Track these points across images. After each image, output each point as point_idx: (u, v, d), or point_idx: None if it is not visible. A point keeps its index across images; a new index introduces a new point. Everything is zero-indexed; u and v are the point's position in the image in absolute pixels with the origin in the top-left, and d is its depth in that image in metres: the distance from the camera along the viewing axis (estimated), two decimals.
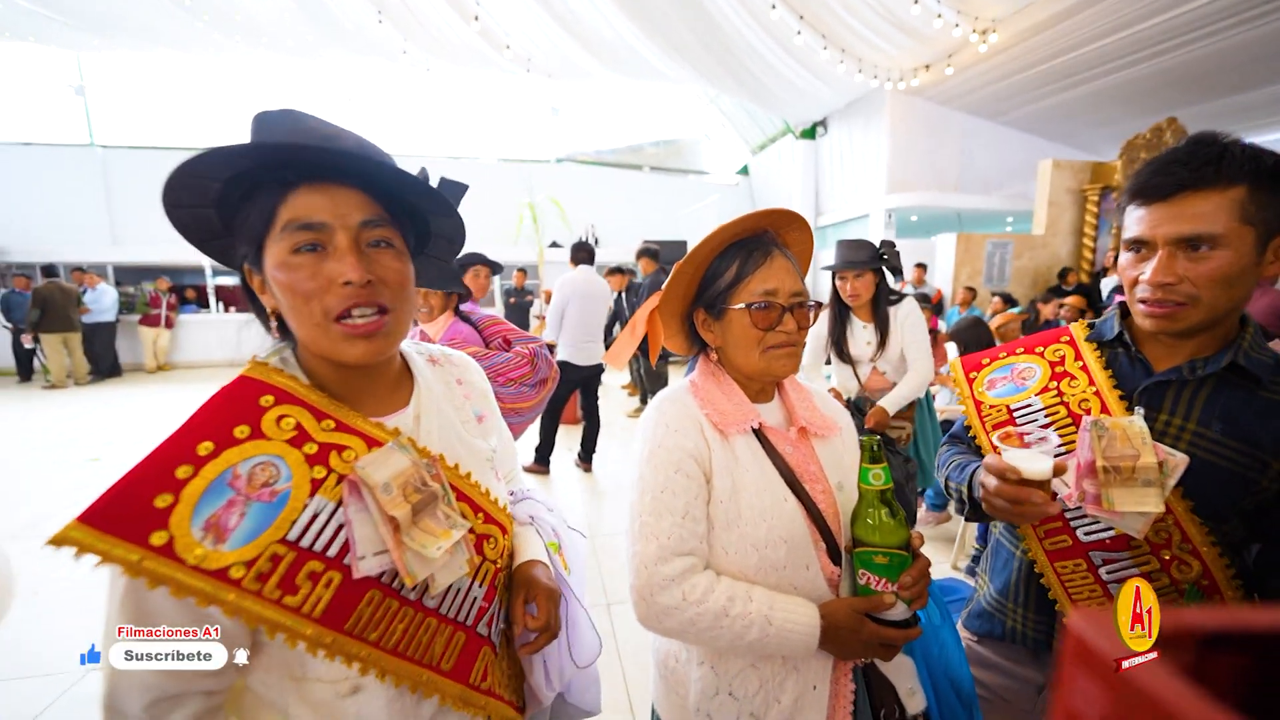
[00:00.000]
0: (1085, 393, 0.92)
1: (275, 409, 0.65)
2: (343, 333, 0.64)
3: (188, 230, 0.68)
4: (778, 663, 0.83)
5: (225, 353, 9.76)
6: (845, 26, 7.47)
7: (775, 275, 0.85)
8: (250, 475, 0.61)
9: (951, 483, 1.00)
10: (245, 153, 0.59)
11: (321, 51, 8.65)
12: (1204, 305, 0.80)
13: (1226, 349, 0.84)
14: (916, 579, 0.78)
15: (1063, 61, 7.65)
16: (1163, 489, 0.76)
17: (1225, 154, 0.76)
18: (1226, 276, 0.77)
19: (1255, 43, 6.50)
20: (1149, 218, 0.81)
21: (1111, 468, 0.76)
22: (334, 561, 0.62)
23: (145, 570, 0.54)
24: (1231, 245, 0.76)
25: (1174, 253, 0.79)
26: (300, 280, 0.62)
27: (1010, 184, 9.83)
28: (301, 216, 0.61)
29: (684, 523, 0.82)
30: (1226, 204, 0.76)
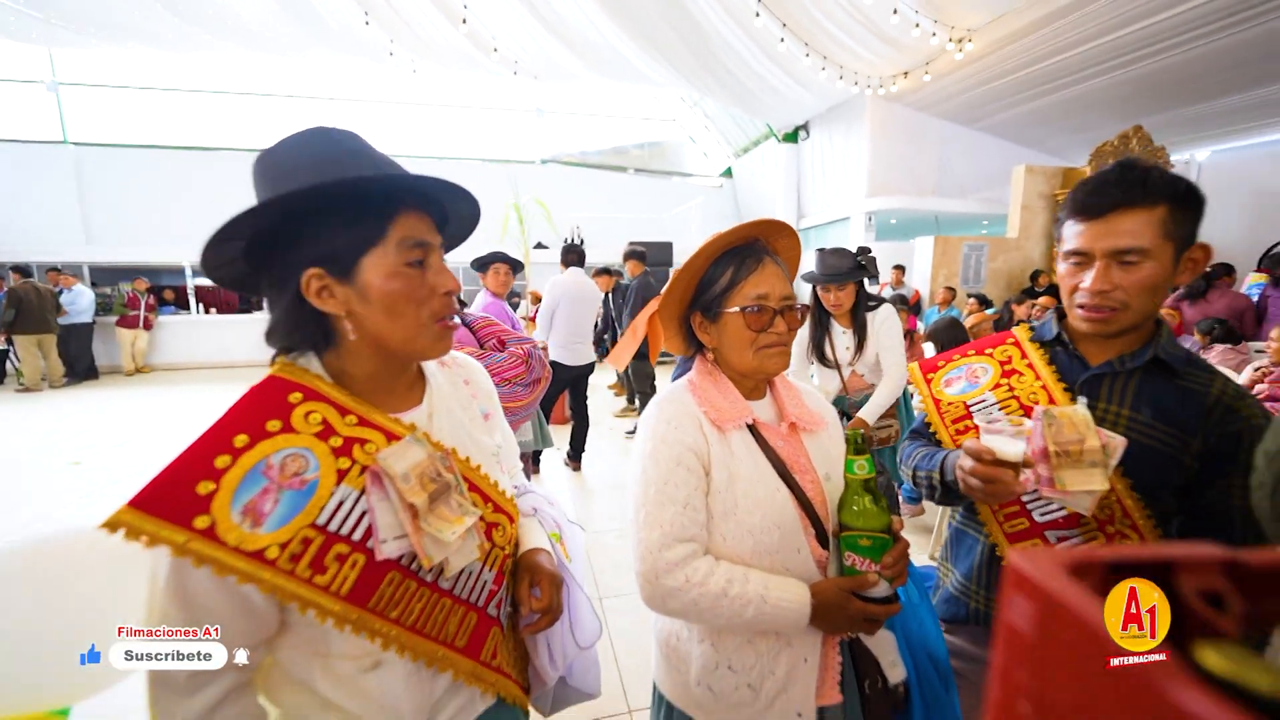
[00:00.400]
0: (1033, 386, 1.03)
1: (303, 405, 0.71)
2: (440, 330, 0.75)
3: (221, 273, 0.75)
4: (772, 638, 0.91)
5: (206, 355, 9.61)
6: (826, 34, 7.63)
7: (767, 281, 0.93)
8: (282, 465, 0.66)
9: (920, 471, 1.09)
10: (390, 181, 0.70)
11: (307, 51, 8.57)
12: (1133, 310, 0.92)
13: (1148, 346, 0.96)
14: (897, 559, 0.86)
15: (1035, 70, 7.90)
16: (1106, 469, 0.86)
17: (1149, 177, 0.87)
18: (1152, 285, 0.90)
19: (1214, 56, 6.80)
20: (1087, 233, 0.92)
21: (1062, 452, 0.86)
22: (359, 545, 0.68)
23: (191, 550, 0.60)
24: (1156, 257, 0.88)
25: (1110, 264, 0.90)
26: (412, 288, 0.71)
27: (985, 188, 10.09)
28: (413, 235, 0.71)
29: (685, 512, 0.89)
30: (1153, 221, 0.87)
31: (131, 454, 4.81)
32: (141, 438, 5.32)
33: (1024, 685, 0.32)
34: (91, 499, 3.82)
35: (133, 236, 9.89)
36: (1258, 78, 7.16)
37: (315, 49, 8.46)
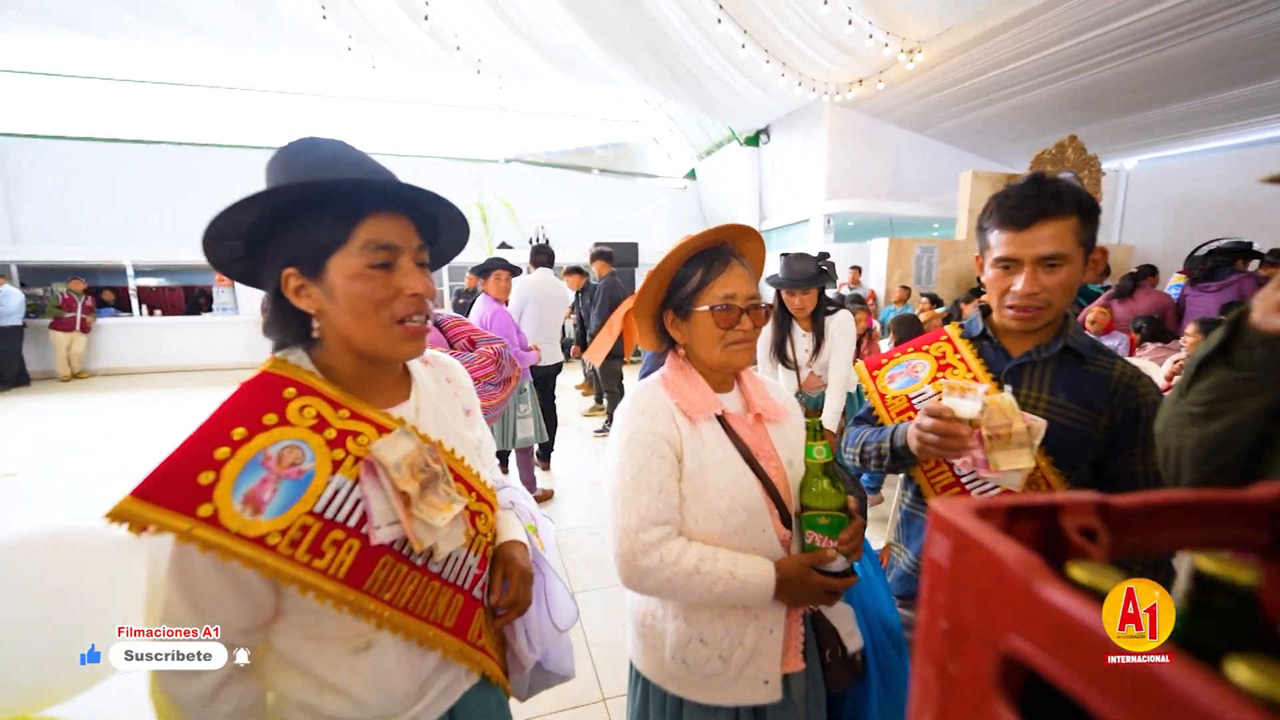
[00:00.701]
0: (966, 378, 1.15)
1: (298, 400, 0.74)
2: (403, 333, 0.76)
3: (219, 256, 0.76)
4: (740, 612, 0.98)
5: (151, 359, 9.14)
6: (786, 42, 7.86)
7: (734, 281, 1.00)
8: (280, 456, 0.70)
9: (869, 445, 1.18)
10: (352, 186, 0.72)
11: (260, 43, 8.27)
12: (1054, 308, 1.04)
13: (1059, 336, 1.08)
14: (853, 535, 0.95)
15: (980, 81, 8.33)
16: (1031, 448, 0.98)
17: (1062, 191, 0.99)
18: (1069, 285, 1.02)
19: (1144, 71, 7.33)
20: (1015, 241, 1.02)
21: (994, 435, 0.97)
22: (354, 531, 0.72)
23: (196, 537, 0.63)
24: (1072, 261, 1.00)
25: (1036, 268, 1.02)
26: (376, 290, 0.73)
27: (937, 192, 10.55)
28: (379, 238, 0.73)
29: (660, 496, 0.96)
30: (1069, 229, 0.99)
31: (69, 464, 4.56)
32: (80, 447, 5.05)
33: (943, 605, 0.39)
34: (27, 511, 3.62)
35: (67, 234, 9.32)
36: (1183, 92, 7.75)
37: (269, 42, 8.18)
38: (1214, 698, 0.20)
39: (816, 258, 2.67)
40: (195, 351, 9.34)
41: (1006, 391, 1.01)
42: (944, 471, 1.15)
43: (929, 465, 1.16)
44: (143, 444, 5.05)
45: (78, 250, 9.09)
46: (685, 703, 1.01)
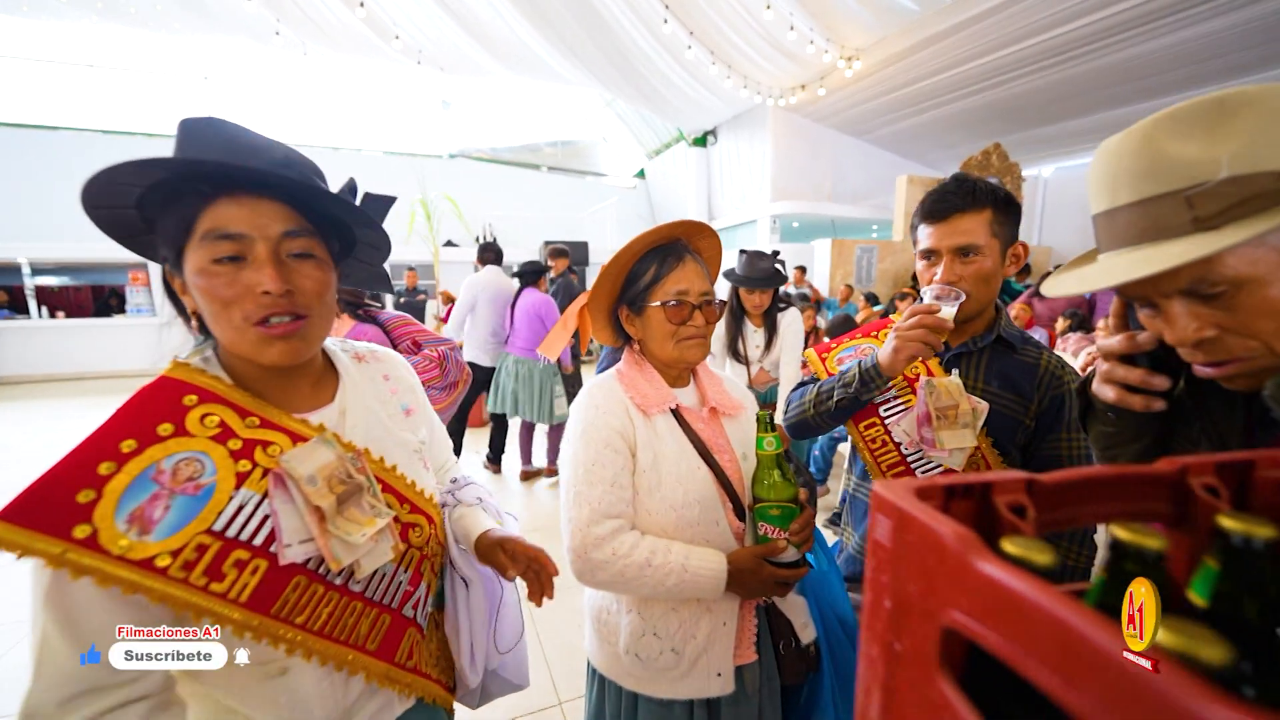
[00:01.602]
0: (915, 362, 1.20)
1: (199, 408, 0.67)
2: (260, 336, 0.66)
3: (112, 229, 0.70)
4: (694, 605, 0.98)
5: (53, 366, 8.35)
6: (731, 45, 8.01)
7: (687, 277, 1.00)
8: (175, 470, 0.63)
9: (825, 387, 1.18)
10: (160, 167, 0.61)
11: (175, 25, 7.69)
12: (974, 299, 1.09)
13: (992, 328, 1.15)
14: (803, 525, 0.96)
15: (914, 89, 8.78)
16: (975, 428, 1.04)
17: (977, 187, 1.06)
18: (985, 275, 1.07)
19: (1062, 84, 7.92)
20: (935, 234, 1.09)
21: (940, 415, 1.02)
22: (260, 549, 0.65)
23: (68, 561, 0.56)
24: (987, 252, 1.06)
25: (953, 258, 1.08)
26: (219, 287, 0.64)
27: (875, 195, 11.03)
28: (220, 227, 0.63)
29: (612, 490, 0.95)
30: (982, 222, 1.06)
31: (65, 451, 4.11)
32: None
33: (886, 585, 0.40)
34: None
35: None
36: (1099, 104, 8.42)
37: (193, 24, 7.62)
38: (1130, 651, 0.21)
39: (770, 255, 2.73)
40: (107, 356, 8.59)
41: (954, 374, 1.06)
42: (890, 451, 1.18)
43: (875, 445, 1.20)
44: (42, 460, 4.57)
45: None
46: (640, 698, 1.01)
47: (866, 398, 1.12)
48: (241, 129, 0.68)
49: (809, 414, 1.23)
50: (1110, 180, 0.61)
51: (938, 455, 1.07)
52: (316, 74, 10.61)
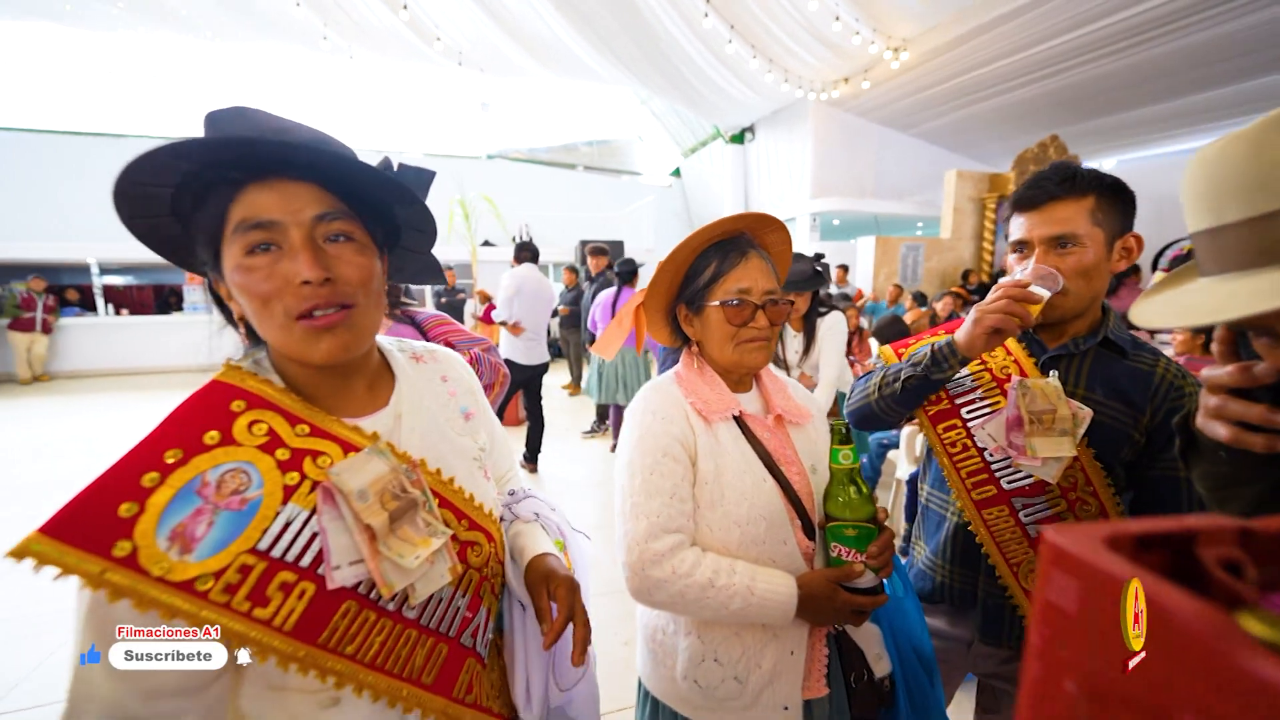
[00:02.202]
0: (1005, 361, 1.09)
1: (247, 414, 0.62)
2: (306, 331, 0.61)
3: (152, 240, 0.66)
4: (759, 630, 0.90)
5: (117, 361, 8.80)
6: (773, 38, 7.83)
7: (750, 274, 0.92)
8: (220, 483, 0.58)
9: (890, 372, 1.10)
10: (179, 151, 0.55)
11: (231, 34, 8.00)
12: (1072, 294, 0.98)
13: (1097, 330, 1.03)
14: (882, 549, 0.86)
15: (963, 80, 8.40)
16: (1074, 437, 0.93)
17: (1078, 173, 0.97)
18: (1086, 268, 0.96)
19: (1125, 72, 7.45)
20: (1027, 223, 1.01)
21: (1035, 419, 0.92)
22: (307, 572, 0.60)
23: (107, 582, 0.52)
24: (1087, 243, 0.96)
25: (1047, 250, 0.98)
26: (256, 283, 0.59)
27: (920, 191, 10.64)
28: (251, 216, 0.59)
29: (672, 502, 0.87)
30: (1082, 210, 0.96)
31: (32, 471, 4.33)
32: (44, 453, 4.81)
33: (1068, 662, 0.31)
34: None
35: (25, 231, 8.91)
36: (1163, 93, 7.90)
37: (243, 33, 7.92)
38: None
39: (812, 258, 2.63)
40: (165, 353, 8.99)
41: (1052, 376, 0.96)
42: (972, 456, 1.07)
43: (955, 449, 1.09)
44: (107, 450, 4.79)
45: (38, 247, 8.71)
46: None
47: (938, 377, 1.03)
48: (270, 115, 0.63)
49: (872, 398, 1.13)
50: (1213, 194, 0.53)
51: (1028, 464, 0.97)
52: (360, 79, 10.91)
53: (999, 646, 1.09)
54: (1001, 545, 1.04)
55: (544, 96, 12.57)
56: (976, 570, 1.10)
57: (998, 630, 1.08)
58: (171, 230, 0.65)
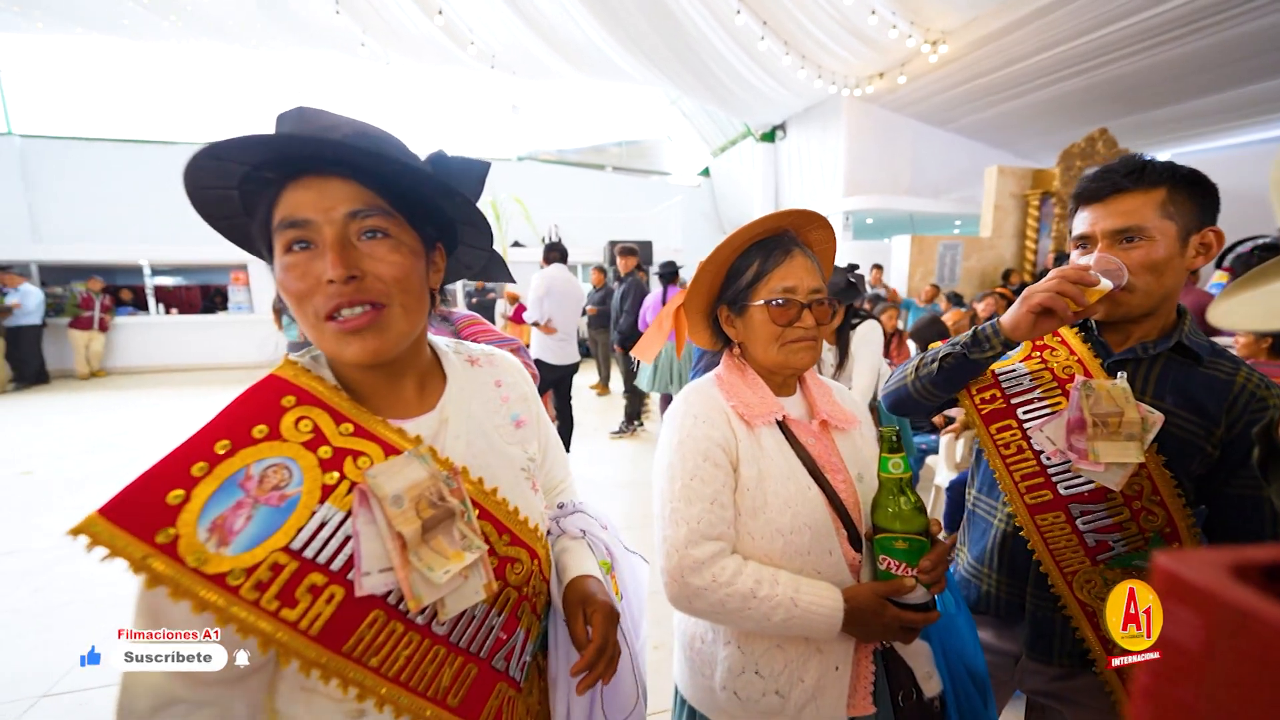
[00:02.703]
0: (1067, 360, 1.02)
1: (295, 410, 0.62)
2: (335, 332, 0.60)
3: (234, 238, 0.68)
4: (802, 643, 0.87)
5: (167, 357, 9.18)
6: (806, 34, 7.70)
7: (795, 273, 0.89)
8: (262, 477, 0.58)
9: (928, 355, 1.06)
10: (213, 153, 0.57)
11: (273, 42, 8.28)
12: (1139, 291, 0.92)
13: (1171, 333, 0.96)
14: (936, 563, 0.82)
15: (1005, 73, 8.11)
16: (1143, 443, 0.87)
17: (1148, 164, 0.92)
18: (1154, 263, 0.91)
19: (1177, 61, 7.08)
20: (1090, 217, 0.96)
21: (1100, 422, 0.86)
22: (337, 576, 0.59)
23: (147, 567, 0.52)
24: (1156, 236, 0.90)
25: (1110, 244, 0.92)
26: (292, 281, 0.60)
27: (958, 188, 10.32)
28: (289, 215, 0.59)
29: (713, 508, 0.85)
30: (1150, 202, 0.90)
31: (87, 462, 4.55)
32: (98, 445, 5.04)
33: (1189, 706, 0.28)
34: (43, 510, 3.59)
35: (86, 234, 9.39)
36: (1219, 83, 7.47)
37: (282, 40, 8.18)
38: None
39: (845, 269, 2.53)
40: (211, 350, 9.35)
41: (1120, 378, 0.90)
42: (1027, 459, 1.02)
43: (1009, 451, 1.03)
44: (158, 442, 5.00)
45: (96, 249, 9.14)
46: None
47: (977, 357, 0.98)
48: (320, 111, 0.63)
49: (909, 379, 1.09)
50: None
51: (1088, 469, 0.92)
52: (394, 84, 11.15)
53: (1049, 663, 1.03)
54: (1056, 553, 0.98)
55: (574, 98, 12.64)
56: (1024, 580, 1.04)
57: (1047, 645, 1.02)
58: (248, 228, 0.66)
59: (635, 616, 0.92)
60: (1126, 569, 0.95)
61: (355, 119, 0.64)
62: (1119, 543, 0.95)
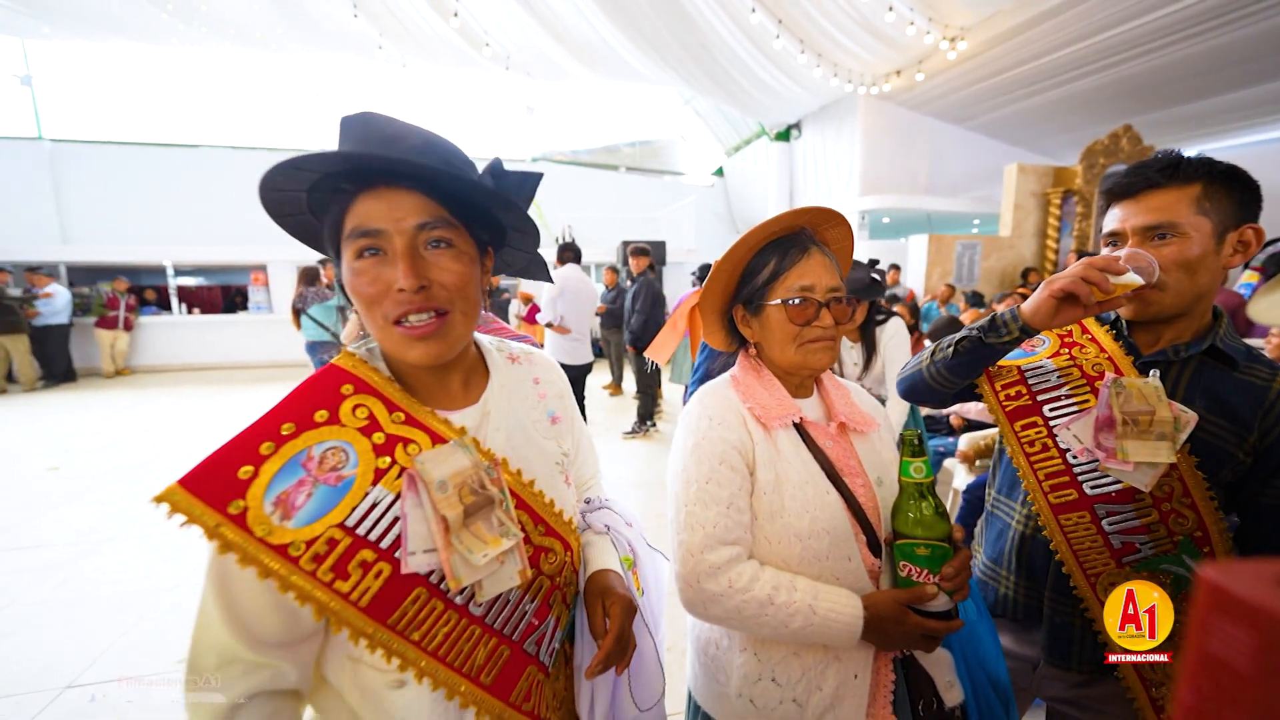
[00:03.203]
0: (1097, 357, 0.99)
1: (353, 398, 0.67)
2: (401, 336, 0.65)
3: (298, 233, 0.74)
4: (820, 651, 0.85)
5: (189, 356, 9.37)
6: (822, 32, 7.63)
7: (812, 271, 0.87)
8: (322, 458, 0.63)
9: (945, 341, 1.03)
10: (297, 164, 0.62)
11: (292, 45, 8.41)
12: (1170, 289, 0.89)
13: (1205, 335, 0.92)
14: (958, 570, 0.80)
15: (1026, 70, 7.97)
16: (1174, 443, 0.84)
17: (1184, 160, 0.89)
18: (1187, 261, 0.87)
19: (1204, 56, 6.89)
20: (1121, 214, 0.93)
21: (1130, 420, 0.84)
22: (386, 553, 0.63)
23: (220, 535, 0.57)
24: (1190, 233, 0.87)
25: (1142, 241, 0.89)
26: (363, 286, 0.64)
27: (977, 187, 10.16)
28: (361, 224, 0.63)
29: (729, 512, 0.83)
30: (1185, 198, 0.87)
31: (112, 458, 4.65)
32: (122, 441, 5.15)
33: None
34: (69, 506, 3.68)
35: (112, 235, 9.62)
36: (1247, 77, 7.27)
37: (302, 43, 8.30)
38: None
39: (868, 265, 2.46)
40: (232, 349, 9.53)
41: (1152, 375, 0.87)
42: (1052, 458, 0.99)
43: (1033, 450, 1.01)
44: (181, 439, 5.14)
45: (121, 251, 9.36)
46: None
47: (993, 341, 0.95)
48: (388, 120, 0.66)
49: (924, 365, 1.07)
50: None
51: (1117, 469, 0.89)
52: (411, 86, 11.27)
53: (1068, 669, 1.00)
54: (1080, 554, 0.96)
55: (588, 99, 12.67)
56: (1042, 583, 1.01)
57: (1066, 650, 0.99)
58: (312, 225, 0.71)
59: (655, 612, 0.94)
60: (1154, 572, 0.92)
61: (422, 128, 0.67)
62: (1146, 545, 0.92)
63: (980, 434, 2.99)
